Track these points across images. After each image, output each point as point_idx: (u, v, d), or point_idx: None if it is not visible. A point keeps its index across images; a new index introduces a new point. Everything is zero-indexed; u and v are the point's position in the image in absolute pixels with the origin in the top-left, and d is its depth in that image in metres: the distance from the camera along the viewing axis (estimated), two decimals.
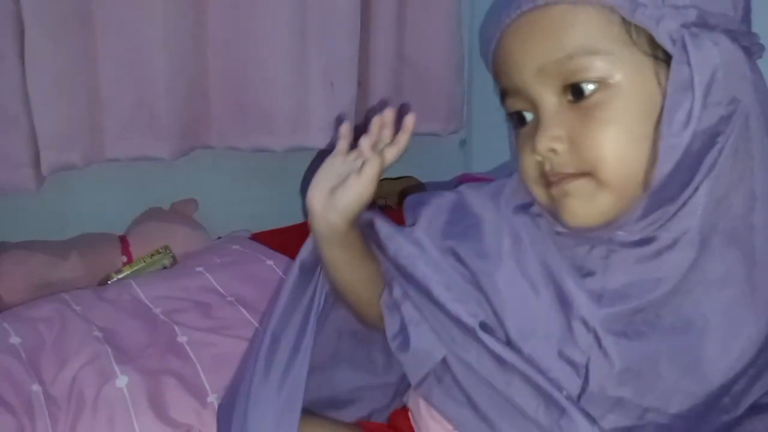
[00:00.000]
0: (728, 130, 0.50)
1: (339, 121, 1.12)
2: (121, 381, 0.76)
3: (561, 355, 0.54)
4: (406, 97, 1.28)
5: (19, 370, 0.77)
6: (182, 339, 0.84)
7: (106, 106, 0.99)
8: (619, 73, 0.50)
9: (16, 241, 1.06)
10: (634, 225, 0.52)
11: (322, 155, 0.65)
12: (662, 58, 0.50)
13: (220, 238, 1.20)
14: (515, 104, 0.56)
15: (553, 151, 0.52)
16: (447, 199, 0.67)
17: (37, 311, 0.88)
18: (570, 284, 0.55)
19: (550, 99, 0.52)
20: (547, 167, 0.53)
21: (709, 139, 0.50)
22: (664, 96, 0.50)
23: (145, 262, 1.09)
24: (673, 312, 0.53)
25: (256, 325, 0.87)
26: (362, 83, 1.20)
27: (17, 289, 0.99)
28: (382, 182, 0.76)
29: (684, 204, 0.51)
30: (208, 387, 0.78)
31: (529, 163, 0.55)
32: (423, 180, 1.38)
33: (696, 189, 0.51)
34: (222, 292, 0.95)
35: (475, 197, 0.65)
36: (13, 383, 0.75)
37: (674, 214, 0.52)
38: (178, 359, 0.81)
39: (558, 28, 0.51)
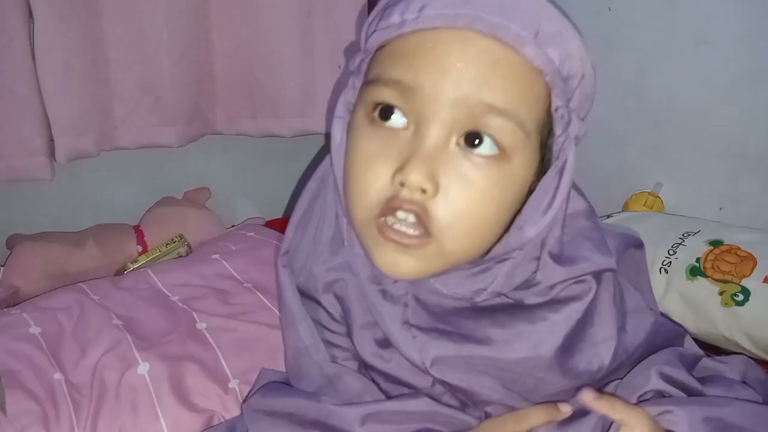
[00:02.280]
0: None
1: None
2: (143, 368, 0.76)
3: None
4: None
5: (40, 359, 0.77)
6: (201, 326, 0.84)
7: (114, 92, 0.98)
8: (521, 154, 0.49)
9: (31, 233, 1.06)
10: (449, 279, 0.54)
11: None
12: (541, 158, 0.51)
13: (233, 226, 1.20)
14: (394, 98, 0.48)
15: (423, 191, 0.47)
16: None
17: (55, 301, 0.88)
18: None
19: (447, 130, 0.47)
20: (396, 203, 0.47)
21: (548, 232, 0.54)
22: (528, 192, 0.52)
23: (160, 251, 1.09)
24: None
25: (275, 310, 0.87)
26: None
27: (35, 279, 0.99)
28: None
29: (494, 267, 0.54)
30: (229, 372, 0.78)
31: (377, 181, 0.48)
32: None
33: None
34: (239, 278, 0.95)
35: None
36: (35, 372, 0.75)
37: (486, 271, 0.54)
38: (199, 345, 0.81)
39: (511, 76, 0.47)
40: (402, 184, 0.47)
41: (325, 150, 0.59)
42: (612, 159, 1.19)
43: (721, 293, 0.90)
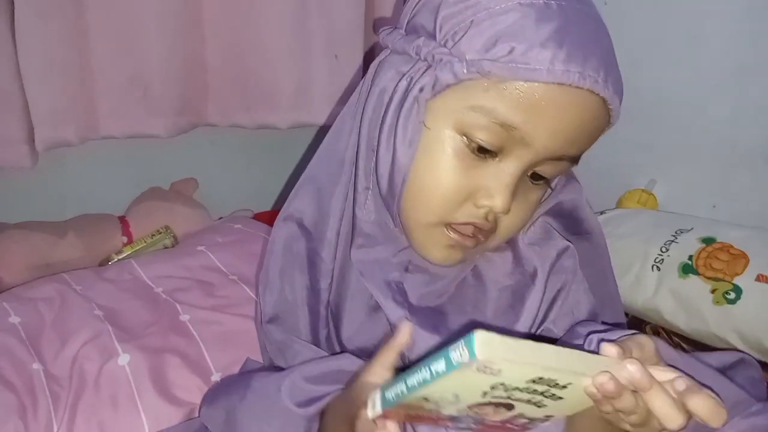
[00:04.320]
0: None
1: (345, 95, 1.09)
2: (123, 359, 0.74)
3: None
4: None
5: (19, 349, 0.75)
6: (185, 318, 0.82)
7: (99, 82, 0.96)
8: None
9: (14, 222, 1.04)
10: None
11: (324, 131, 0.63)
12: None
13: (221, 218, 1.18)
14: (499, 139, 0.50)
15: (504, 213, 0.53)
16: None
17: (36, 291, 0.87)
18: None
19: (527, 168, 0.53)
20: (474, 222, 0.53)
21: None
22: None
23: (145, 242, 1.07)
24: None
25: None
26: (369, 54, 1.15)
27: (17, 269, 0.97)
28: None
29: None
30: (211, 365, 0.76)
31: (457, 196, 0.53)
32: None
33: None
34: (224, 270, 0.93)
35: None
36: (13, 362, 0.73)
37: None
38: (181, 338, 0.79)
39: (596, 131, 0.53)
40: (483, 206, 0.52)
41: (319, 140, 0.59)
42: (605, 155, 1.16)
43: (713, 291, 0.89)
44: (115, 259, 1.03)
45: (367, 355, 0.57)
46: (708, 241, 0.94)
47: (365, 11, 1.10)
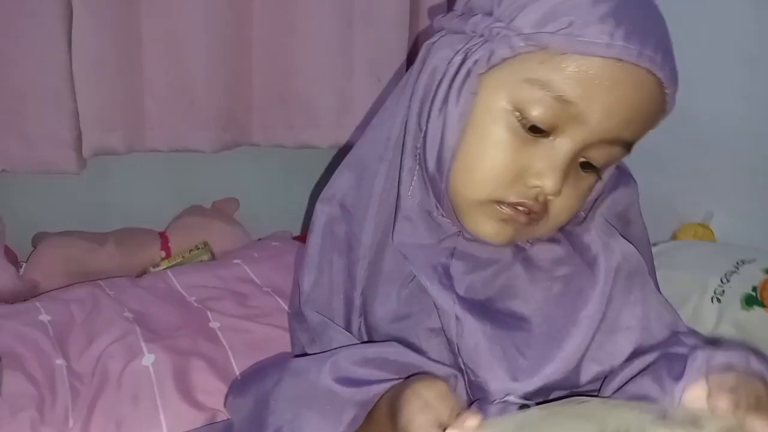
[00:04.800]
0: None
1: None
2: (148, 359, 0.72)
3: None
4: None
5: (45, 345, 0.74)
6: (215, 325, 0.80)
7: (148, 91, 0.98)
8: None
9: (56, 231, 1.05)
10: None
11: None
12: None
13: (260, 239, 1.17)
14: (554, 116, 0.49)
15: (554, 195, 0.51)
16: None
17: (70, 293, 0.86)
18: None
19: (580, 149, 0.50)
20: (524, 203, 0.51)
21: None
22: None
23: (183, 257, 1.07)
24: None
25: None
26: None
27: (55, 275, 0.97)
28: None
29: None
30: (237, 372, 0.73)
31: (508, 173, 0.51)
32: None
33: None
34: (258, 282, 0.91)
35: None
36: (38, 356, 0.72)
37: None
38: (209, 343, 0.77)
39: (652, 115, 0.51)
40: (535, 187, 0.50)
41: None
42: (657, 186, 1.12)
43: None
44: (152, 272, 1.03)
45: (398, 343, 0.54)
46: None
47: (408, 35, 1.10)
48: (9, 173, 0.96)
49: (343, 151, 1.16)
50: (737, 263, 0.91)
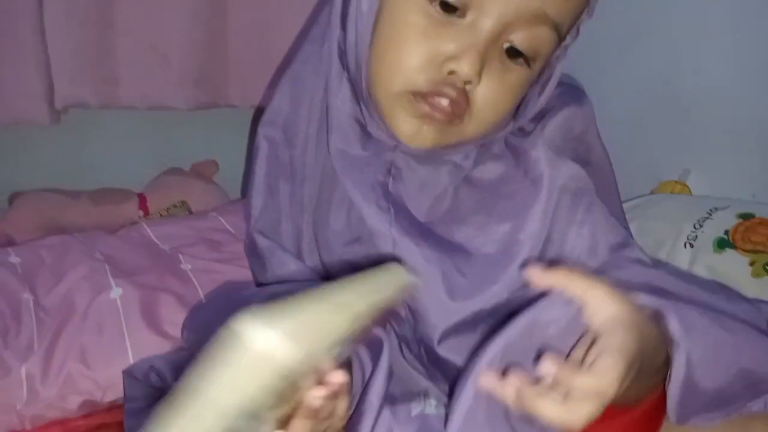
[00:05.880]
0: None
1: None
2: (116, 292, 0.71)
3: None
4: None
5: (12, 282, 0.73)
6: (186, 266, 0.80)
7: (119, 44, 0.97)
8: (543, 60, 0.52)
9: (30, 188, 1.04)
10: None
11: None
12: None
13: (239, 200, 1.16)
14: None
15: (470, 83, 0.48)
16: None
17: (42, 240, 0.85)
18: None
19: (501, 29, 0.48)
20: (440, 89, 0.48)
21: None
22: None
23: (160, 215, 1.06)
24: None
25: None
26: None
27: (28, 229, 0.96)
28: None
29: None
30: None
31: (423, 59, 0.48)
32: None
33: None
34: (233, 232, 0.91)
35: None
36: (4, 291, 0.71)
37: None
38: (179, 281, 0.76)
39: None
40: (451, 72, 0.48)
41: None
42: (636, 146, 1.13)
43: (751, 264, 0.81)
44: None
45: (350, 268, 0.52)
46: (746, 216, 0.87)
47: None
48: None
49: None
50: (710, 210, 0.92)
